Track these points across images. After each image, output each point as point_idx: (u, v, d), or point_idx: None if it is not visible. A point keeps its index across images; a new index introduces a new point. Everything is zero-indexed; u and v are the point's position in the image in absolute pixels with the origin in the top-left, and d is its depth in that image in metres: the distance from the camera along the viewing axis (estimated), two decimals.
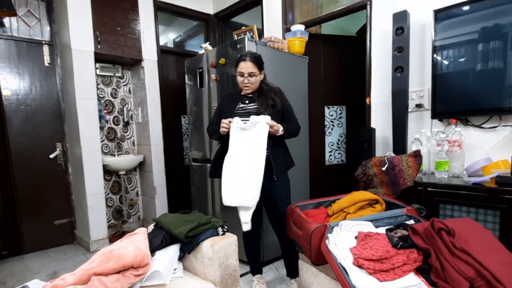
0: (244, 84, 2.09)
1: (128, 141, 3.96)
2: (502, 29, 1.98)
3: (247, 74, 2.05)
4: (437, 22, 2.23)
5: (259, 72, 2.10)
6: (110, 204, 3.80)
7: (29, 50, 3.28)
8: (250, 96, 2.15)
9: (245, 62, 2.05)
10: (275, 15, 3.46)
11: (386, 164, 2.17)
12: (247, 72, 2.05)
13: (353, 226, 1.59)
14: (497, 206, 1.73)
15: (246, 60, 2.05)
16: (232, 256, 1.66)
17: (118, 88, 3.85)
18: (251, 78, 2.06)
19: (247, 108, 2.14)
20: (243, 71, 2.05)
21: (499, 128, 2.10)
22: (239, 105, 2.15)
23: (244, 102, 2.16)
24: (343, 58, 3.42)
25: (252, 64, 2.05)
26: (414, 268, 1.32)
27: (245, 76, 2.06)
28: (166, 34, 4.68)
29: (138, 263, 1.39)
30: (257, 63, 2.08)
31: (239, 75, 2.08)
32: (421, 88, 2.43)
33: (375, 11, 2.67)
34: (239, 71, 2.07)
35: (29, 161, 3.29)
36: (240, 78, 2.08)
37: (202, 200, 3.22)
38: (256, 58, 2.08)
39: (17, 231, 3.23)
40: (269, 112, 2.05)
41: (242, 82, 2.09)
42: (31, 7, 3.30)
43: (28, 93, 3.29)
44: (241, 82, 2.09)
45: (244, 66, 2.05)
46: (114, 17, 3.38)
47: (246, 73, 2.05)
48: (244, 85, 2.09)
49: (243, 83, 2.08)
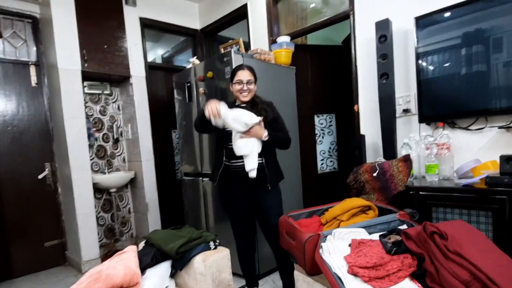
0: (243, 91, 2.10)
1: (118, 158, 3.92)
2: (484, 33, 2.02)
3: (246, 81, 2.09)
4: (419, 29, 2.27)
5: (254, 82, 2.14)
6: (101, 222, 3.73)
7: (15, 71, 3.26)
8: (242, 106, 2.15)
9: (243, 70, 2.11)
10: (260, 27, 3.50)
11: (377, 170, 2.18)
12: (246, 79, 2.09)
13: (346, 234, 1.57)
14: (489, 206, 1.73)
15: (244, 68, 2.12)
16: (225, 270, 1.63)
17: (107, 105, 3.83)
18: (249, 85, 2.10)
19: None
20: (242, 79, 2.09)
21: (486, 129, 2.12)
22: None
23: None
24: (330, 67, 3.46)
25: (249, 72, 2.12)
26: (409, 274, 1.30)
27: (244, 83, 2.09)
28: (154, 50, 4.69)
29: (127, 283, 1.35)
30: (253, 72, 2.15)
31: (237, 83, 2.10)
32: (408, 93, 2.46)
33: (358, 21, 2.71)
34: (237, 79, 2.10)
35: (17, 182, 3.23)
36: (238, 86, 2.10)
37: (195, 214, 3.18)
38: (252, 68, 2.17)
39: (6, 255, 3.15)
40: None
41: (240, 90, 2.10)
42: (17, 29, 3.29)
43: (15, 114, 3.25)
44: (239, 89, 2.10)
45: (243, 74, 2.10)
46: (101, 35, 3.38)
47: (245, 80, 2.09)
48: (243, 91, 2.10)
49: (242, 90, 2.10)
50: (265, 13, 3.43)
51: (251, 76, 2.11)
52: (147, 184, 3.76)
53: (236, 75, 2.11)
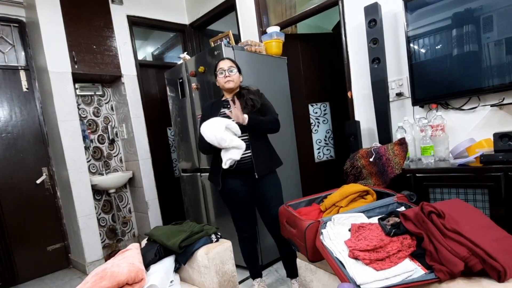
0: (226, 79, 2.13)
1: (115, 158, 3.91)
2: (474, 12, 2.02)
3: (227, 68, 2.13)
4: (408, 12, 2.27)
5: (237, 70, 2.17)
6: (102, 224, 3.73)
7: (5, 77, 3.23)
8: (231, 99, 2.16)
9: (223, 60, 2.19)
10: (250, 19, 3.48)
11: (373, 155, 2.19)
12: (227, 66, 2.14)
13: (346, 219, 1.59)
14: (485, 184, 1.75)
15: (224, 59, 2.20)
16: (228, 262, 1.64)
17: (100, 106, 3.81)
18: (231, 72, 2.13)
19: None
20: (223, 66, 2.14)
21: (479, 108, 2.14)
22: (221, 111, 2.17)
23: (225, 106, 2.17)
24: (321, 55, 3.45)
25: (229, 60, 2.18)
26: (409, 254, 1.32)
27: (225, 70, 2.13)
28: (144, 48, 4.66)
29: (132, 279, 1.36)
30: (235, 62, 2.20)
31: (219, 72, 2.14)
32: (400, 77, 2.47)
33: (347, 6, 2.70)
34: (219, 68, 2.15)
35: (16, 188, 3.23)
36: (220, 76, 2.14)
37: (195, 210, 3.20)
38: (232, 59, 2.24)
39: (10, 261, 3.15)
40: (248, 111, 2.08)
41: (224, 77, 2.13)
42: (4, 34, 3.25)
43: (8, 120, 3.23)
44: (222, 78, 2.14)
45: (223, 63, 2.16)
46: (89, 35, 3.35)
47: (226, 67, 2.13)
48: (226, 79, 2.13)
49: (224, 77, 2.13)
50: (253, 4, 3.41)
51: (231, 63, 2.16)
52: (145, 183, 3.76)
53: (217, 66, 2.17)
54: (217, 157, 2.13)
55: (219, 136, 1.96)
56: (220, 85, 2.19)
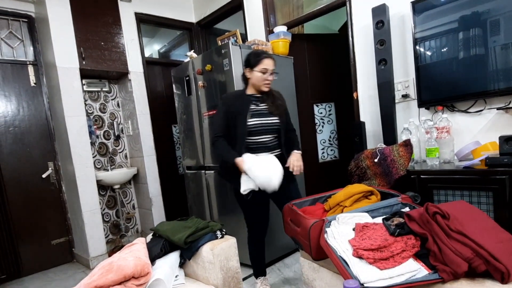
0: (266, 82, 2.02)
1: (120, 154, 3.94)
2: (481, 16, 2.02)
3: (271, 70, 2.02)
4: (416, 14, 2.27)
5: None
6: (107, 219, 3.76)
7: (13, 72, 3.26)
8: (258, 96, 2.10)
9: (269, 59, 2.01)
10: (257, 18, 3.49)
11: (378, 156, 2.20)
12: (271, 68, 2.01)
13: (350, 218, 1.60)
14: (489, 187, 1.76)
15: (271, 57, 2.02)
16: (233, 258, 1.66)
17: (106, 102, 3.84)
18: (272, 76, 2.04)
19: (259, 110, 2.09)
20: (268, 67, 2.00)
21: (485, 111, 2.14)
22: (251, 107, 2.07)
23: (255, 103, 2.09)
24: (327, 56, 3.46)
25: (274, 62, 2.04)
26: (413, 254, 1.33)
27: (269, 71, 2.01)
28: (151, 45, 4.69)
29: (139, 273, 1.38)
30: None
31: (261, 71, 1.99)
32: (406, 78, 2.47)
33: (354, 7, 2.71)
34: (263, 67, 1.99)
35: (21, 182, 3.26)
36: (262, 75, 2.00)
37: (199, 207, 3.21)
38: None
39: (14, 254, 3.18)
40: (278, 112, 2.06)
41: (265, 79, 2.01)
42: (13, 29, 3.28)
43: (16, 115, 3.26)
44: (263, 78, 2.01)
45: (270, 63, 2.00)
46: (97, 32, 3.38)
47: (270, 69, 2.01)
48: (267, 82, 2.02)
49: (266, 79, 2.01)
50: (261, 4, 3.42)
51: (275, 66, 2.04)
52: (150, 180, 3.78)
53: (261, 62, 1.99)
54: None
55: (274, 183, 1.89)
56: (253, 81, 2.05)
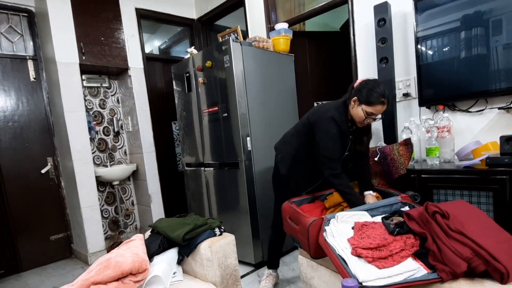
0: (366, 123, 1.87)
1: (119, 151, 3.93)
2: (483, 15, 2.01)
3: (378, 115, 1.84)
4: (418, 12, 2.25)
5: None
6: (105, 215, 3.76)
7: (13, 66, 3.25)
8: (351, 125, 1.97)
9: (384, 105, 1.79)
10: (258, 15, 3.47)
11: (378, 155, 2.19)
12: (380, 113, 1.83)
13: (349, 217, 1.59)
14: (489, 187, 1.75)
15: (386, 104, 1.79)
16: (231, 255, 1.65)
17: (106, 98, 3.83)
18: (375, 120, 1.88)
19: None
20: (376, 113, 1.81)
21: (486, 111, 2.13)
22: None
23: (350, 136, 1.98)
24: (328, 53, 3.44)
25: (386, 108, 1.82)
26: (412, 253, 1.33)
27: (373, 118, 1.83)
28: (151, 41, 4.67)
29: (136, 269, 1.38)
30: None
31: (367, 114, 1.80)
32: (407, 77, 2.46)
33: (356, 5, 2.69)
34: (371, 111, 1.78)
35: (20, 177, 3.25)
36: (365, 117, 1.81)
37: (198, 204, 3.21)
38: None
39: (13, 249, 3.18)
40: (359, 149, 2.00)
41: (364, 121, 1.84)
42: (13, 23, 3.27)
43: (15, 109, 3.25)
44: (363, 120, 1.83)
45: (381, 110, 1.80)
46: (97, 27, 3.36)
47: (379, 114, 1.83)
48: (366, 122, 1.86)
49: (365, 121, 1.85)
50: (262, 0, 3.40)
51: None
52: (149, 176, 3.78)
53: (373, 106, 1.77)
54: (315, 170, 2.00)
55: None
56: (352, 113, 1.86)
